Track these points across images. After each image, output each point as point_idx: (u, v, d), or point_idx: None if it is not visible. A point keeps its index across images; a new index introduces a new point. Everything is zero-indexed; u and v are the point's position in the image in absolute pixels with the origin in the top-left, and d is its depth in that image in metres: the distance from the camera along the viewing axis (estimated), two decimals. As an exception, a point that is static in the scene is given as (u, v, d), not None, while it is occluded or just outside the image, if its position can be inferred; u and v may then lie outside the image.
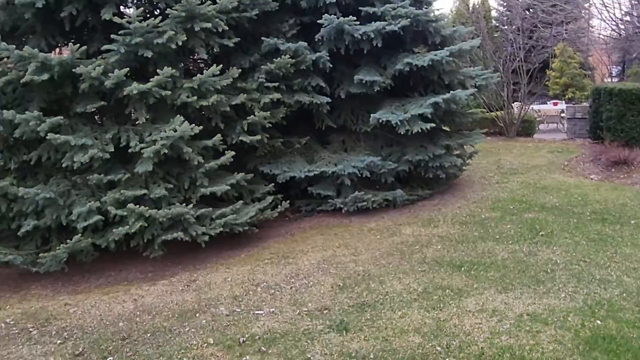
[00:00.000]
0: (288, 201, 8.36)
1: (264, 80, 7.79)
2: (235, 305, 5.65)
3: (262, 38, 8.04)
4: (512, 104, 17.47)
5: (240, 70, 7.43)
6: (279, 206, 8.12)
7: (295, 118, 9.30)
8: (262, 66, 7.84)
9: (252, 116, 7.47)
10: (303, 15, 8.63)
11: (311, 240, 7.75)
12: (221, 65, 7.00)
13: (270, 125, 7.92)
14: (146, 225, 6.53)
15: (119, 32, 6.34)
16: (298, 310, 5.40)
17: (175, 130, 6.47)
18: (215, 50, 7.27)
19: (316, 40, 8.43)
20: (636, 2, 19.74)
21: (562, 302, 5.21)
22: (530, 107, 17.83)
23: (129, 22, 6.23)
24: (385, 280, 6.06)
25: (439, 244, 7.21)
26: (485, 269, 6.20)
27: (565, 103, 19.77)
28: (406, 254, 6.89)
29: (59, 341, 5.07)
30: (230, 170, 7.73)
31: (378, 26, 8.09)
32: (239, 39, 7.76)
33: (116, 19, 6.28)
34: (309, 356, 4.41)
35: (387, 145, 9.42)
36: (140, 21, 6.27)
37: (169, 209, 6.58)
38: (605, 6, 20.00)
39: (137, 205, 6.44)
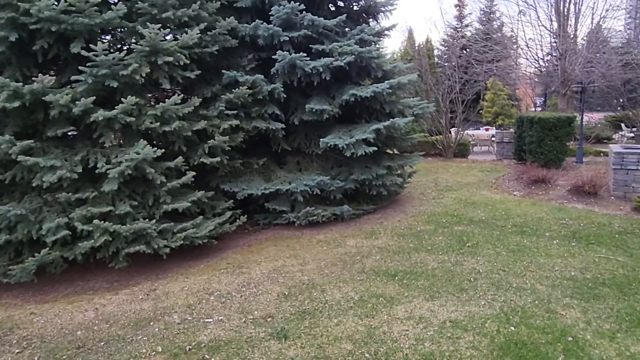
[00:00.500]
0: (246, 215, 8.10)
1: (224, 109, 7.56)
2: (188, 313, 5.36)
3: (223, 71, 7.82)
4: (450, 130, 17.60)
5: (201, 99, 7.22)
6: (238, 220, 7.85)
7: (255, 141, 9.09)
8: (222, 96, 7.61)
9: (212, 140, 7.23)
10: (261, 51, 8.47)
11: (265, 251, 7.50)
12: (182, 95, 6.76)
13: (230, 148, 7.68)
14: (111, 239, 6.20)
15: (87, 64, 6.04)
16: (244, 319, 5.16)
17: (139, 153, 6.17)
18: (179, 81, 6.98)
19: (272, 73, 8.25)
20: (554, 44, 20.16)
21: (482, 309, 5.10)
22: (466, 132, 18.01)
23: (96, 55, 5.93)
24: (327, 289, 5.86)
25: (378, 254, 7.06)
26: (417, 278, 6.07)
27: (496, 129, 20.10)
28: (348, 264, 6.71)
29: (17, 350, 4.72)
30: (195, 188, 7.47)
31: (326, 62, 7.98)
32: (202, 71, 7.55)
33: (84, 52, 5.96)
34: (247, 363, 4.19)
35: (337, 166, 9.28)
36: (106, 54, 5.98)
37: (133, 224, 6.26)
38: (529, 47, 20.39)
39: (103, 221, 6.14)
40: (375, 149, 8.38)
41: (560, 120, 12.93)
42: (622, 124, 20.28)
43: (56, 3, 5.71)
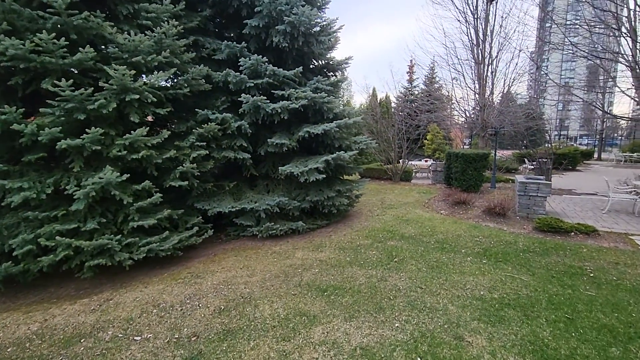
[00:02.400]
0: (213, 230, 6.74)
1: (194, 140, 6.25)
2: (123, 329, 3.96)
3: (196, 109, 6.52)
4: (399, 160, 16.39)
5: (169, 132, 5.89)
6: (206, 233, 6.46)
7: (232, 168, 7.78)
8: (194, 130, 6.29)
9: (180, 167, 5.88)
10: (233, 95, 7.20)
11: (225, 261, 6.11)
12: (148, 128, 5.43)
13: (200, 173, 6.35)
14: (73, 253, 4.80)
15: (56, 99, 4.72)
16: (170, 338, 3.77)
17: (102, 178, 4.82)
18: (148, 116, 5.69)
19: (241, 112, 6.95)
20: (477, 101, 19.22)
21: (394, 333, 3.74)
22: (410, 163, 16.82)
23: (63, 91, 4.62)
24: (261, 304, 4.47)
25: (317, 267, 5.67)
26: (343, 294, 4.68)
27: (433, 161, 18.85)
28: (289, 277, 5.32)
29: None
30: (174, 206, 6.16)
31: (284, 104, 6.71)
32: (181, 109, 6.37)
33: (51, 88, 4.66)
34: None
35: (298, 188, 7.94)
36: (72, 90, 4.67)
37: (96, 240, 4.87)
38: (459, 103, 19.45)
39: (72, 237, 4.78)
40: (324, 176, 7.05)
41: (479, 155, 11.73)
42: (525, 159, 19.08)
43: (23, 44, 4.41)
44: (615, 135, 42.62)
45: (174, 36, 5.81)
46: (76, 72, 5.08)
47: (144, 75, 5.55)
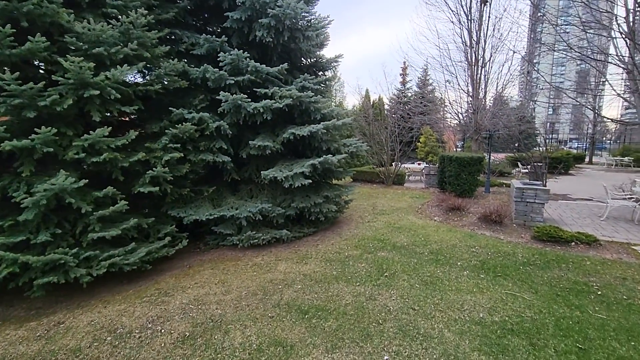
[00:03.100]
0: (188, 239, 6.12)
1: (168, 142, 5.64)
2: (66, 363, 3.33)
3: (170, 108, 5.91)
4: (392, 163, 15.87)
5: (137, 133, 5.23)
6: (180, 244, 5.85)
7: (212, 172, 7.18)
8: (167, 130, 5.67)
9: (150, 171, 5.27)
10: (213, 93, 6.60)
11: (200, 275, 5.51)
12: (110, 128, 4.76)
13: (173, 177, 5.73)
14: (19, 270, 4.16)
15: (1, 94, 4.09)
16: (118, 376, 3.14)
17: (54, 184, 4.19)
18: (115, 115, 5.06)
19: (220, 112, 6.36)
20: (470, 103, 18.84)
21: (381, 368, 3.16)
22: (403, 166, 16.33)
23: (8, 84, 3.99)
24: (232, 329, 3.88)
25: (300, 283, 5.10)
26: (327, 317, 4.12)
27: (426, 164, 18.41)
28: (268, 294, 4.75)
29: None
30: (148, 214, 5.54)
31: (267, 103, 6.13)
32: (154, 108, 5.71)
33: (-6, 81, 4.03)
34: None
35: (284, 194, 7.35)
36: (20, 84, 4.04)
37: (47, 255, 4.24)
38: (452, 106, 19.01)
39: (21, 251, 4.13)
40: (310, 181, 6.49)
41: (473, 159, 11.26)
42: (519, 162, 18.71)
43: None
44: (604, 139, 42.74)
45: (144, 27, 5.20)
46: (29, 64, 4.44)
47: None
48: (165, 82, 5.79)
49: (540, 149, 18.05)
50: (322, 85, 7.44)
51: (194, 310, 4.33)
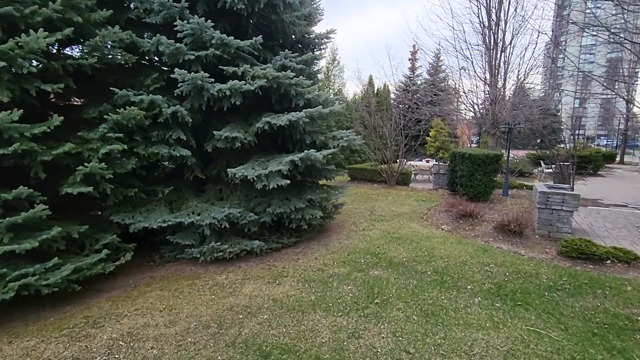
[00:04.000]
0: (132, 251, 5.46)
1: (107, 130, 4.95)
2: None
3: (112, 89, 5.21)
4: (397, 160, 15.20)
5: (62, 118, 4.51)
6: (123, 258, 5.19)
7: (174, 168, 6.51)
8: (106, 116, 4.99)
9: (82, 167, 4.60)
10: (170, 72, 5.88)
11: (144, 297, 4.85)
12: (21, 110, 4.06)
13: (113, 175, 5.03)
14: None
15: None
16: None
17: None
18: (31, 94, 4.36)
19: (177, 94, 5.67)
20: (487, 93, 18.14)
21: None
22: (409, 163, 15.66)
23: None
24: (165, 379, 3.20)
25: (268, 311, 4.44)
26: (293, 362, 3.44)
27: (435, 161, 17.76)
28: (224, 327, 4.09)
29: None
30: (84, 220, 4.87)
31: (234, 85, 5.45)
32: (80, 86, 4.96)
33: None
34: None
35: (260, 196, 6.68)
36: None
37: None
38: (467, 95, 18.29)
39: None
40: (288, 181, 5.80)
41: (489, 157, 10.55)
42: (542, 161, 17.98)
43: None
44: (637, 135, 41.91)
45: (74, -16, 4.50)
46: None
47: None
48: (109, 57, 5.09)
49: (567, 146, 17.38)
50: (308, 65, 6.74)
51: (124, 348, 3.67)
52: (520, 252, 6.66)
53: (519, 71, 17.83)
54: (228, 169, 5.76)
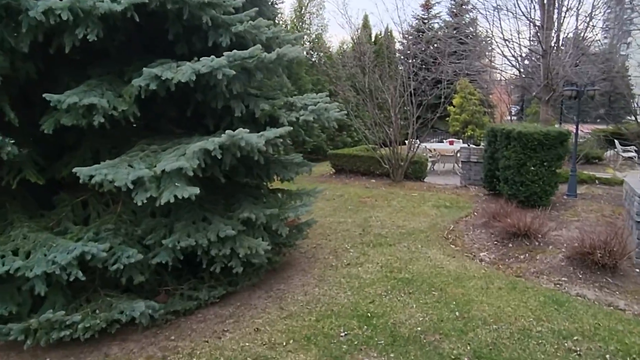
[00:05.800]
0: None
1: None
2: None
3: None
4: (405, 141, 14.38)
5: None
6: None
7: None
8: None
9: None
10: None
11: None
12: None
13: None
14: None
15: None
16: None
17: None
18: None
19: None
20: (535, 40, 17.07)
21: None
22: (423, 146, 14.80)
23: None
24: None
25: None
26: None
27: (462, 142, 16.74)
28: None
29: None
30: None
31: (78, -1, 3.72)
32: None
33: None
34: None
35: (157, 215, 5.12)
36: None
37: None
38: (506, 42, 17.16)
39: None
40: (197, 191, 4.21)
41: (550, 136, 9.36)
42: (616, 141, 16.91)
43: None
44: None
45: None
46: None
47: None
48: None
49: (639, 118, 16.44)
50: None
51: None
52: (618, 303, 5.51)
53: (578, 9, 16.94)
54: (75, 169, 4.11)
